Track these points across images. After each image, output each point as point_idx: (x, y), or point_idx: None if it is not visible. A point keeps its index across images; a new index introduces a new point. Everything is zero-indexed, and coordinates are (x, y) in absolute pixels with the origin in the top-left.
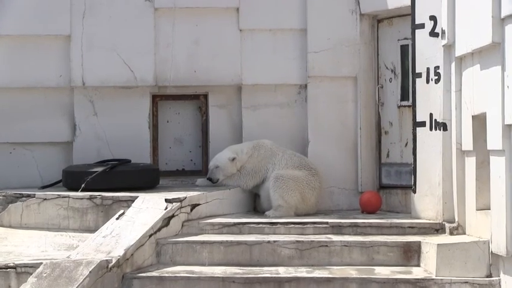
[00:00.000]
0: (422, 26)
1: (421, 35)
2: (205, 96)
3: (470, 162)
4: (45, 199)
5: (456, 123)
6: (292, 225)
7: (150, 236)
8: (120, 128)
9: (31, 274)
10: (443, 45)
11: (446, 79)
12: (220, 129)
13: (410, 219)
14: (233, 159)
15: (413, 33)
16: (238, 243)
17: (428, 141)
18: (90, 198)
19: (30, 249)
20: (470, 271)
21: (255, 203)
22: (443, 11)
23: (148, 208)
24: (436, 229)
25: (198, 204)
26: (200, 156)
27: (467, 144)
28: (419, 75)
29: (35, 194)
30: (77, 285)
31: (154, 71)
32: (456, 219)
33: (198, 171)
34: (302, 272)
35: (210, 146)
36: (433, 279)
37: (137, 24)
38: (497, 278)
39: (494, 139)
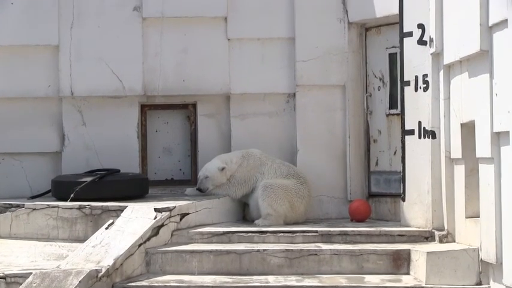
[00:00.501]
0: (410, 34)
1: (409, 43)
2: (194, 105)
3: (459, 170)
4: (35, 209)
5: (445, 131)
6: (282, 234)
7: (140, 245)
8: (108, 138)
9: (21, 284)
10: (431, 53)
11: (435, 87)
12: (209, 138)
13: (399, 227)
14: (222, 168)
15: (401, 42)
16: (228, 252)
17: (417, 149)
18: (80, 208)
19: (19, 259)
20: (460, 279)
21: (244, 212)
22: (431, 19)
23: (137, 217)
24: (426, 237)
25: (188, 214)
26: (189, 166)
27: (456, 152)
28: (408, 83)
29: (24, 204)
30: None
31: (142, 80)
32: (446, 227)
33: (187, 181)
34: (292, 281)
35: (199, 155)
36: (423, 287)
37: (125, 34)
38: (487, 286)
39: (483, 147)
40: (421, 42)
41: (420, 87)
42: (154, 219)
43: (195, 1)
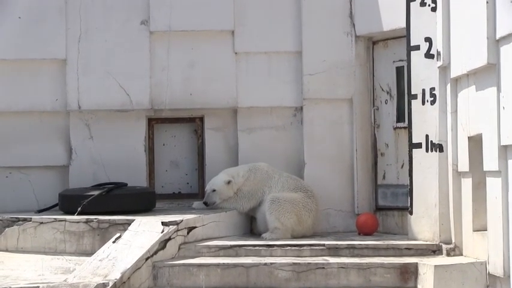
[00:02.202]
0: (417, 47)
1: (417, 57)
2: (201, 119)
3: (467, 184)
4: (42, 223)
5: (452, 144)
6: (289, 248)
7: (147, 259)
8: (116, 152)
9: None
10: (438, 67)
11: (442, 100)
12: (216, 152)
13: (407, 240)
14: (229, 182)
15: (408, 55)
16: (235, 265)
17: (424, 162)
18: (87, 221)
19: (26, 273)
20: None
21: (251, 226)
22: (439, 32)
23: (144, 231)
24: (433, 250)
25: (195, 227)
26: (196, 179)
27: (464, 165)
28: (415, 96)
29: (31, 218)
30: None
31: (150, 94)
32: (453, 241)
33: (194, 194)
34: None
35: (206, 169)
36: None
37: (133, 48)
38: None
39: (490, 160)
40: (429, 55)
41: (427, 101)
42: (162, 232)
43: (202, 15)
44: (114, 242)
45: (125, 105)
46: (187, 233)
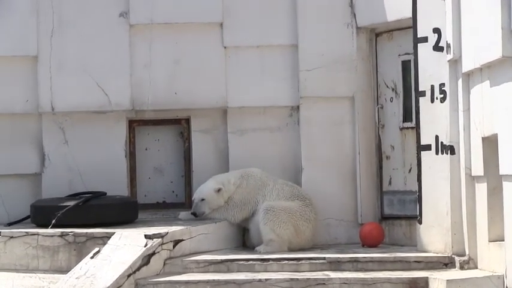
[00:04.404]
0: (425, 39)
1: (424, 50)
2: (187, 120)
3: (481, 189)
4: (12, 237)
5: (465, 146)
6: (286, 262)
7: (129, 276)
8: (93, 157)
9: None
10: (448, 60)
11: (453, 97)
12: (205, 156)
13: (416, 252)
14: (219, 190)
15: (415, 48)
16: (227, 282)
17: (434, 166)
18: (62, 235)
19: None
20: None
21: (244, 238)
22: (448, 23)
23: (126, 245)
24: (445, 263)
25: (182, 240)
26: (183, 187)
27: (478, 169)
28: (423, 93)
29: (0, 232)
30: None
31: (130, 93)
32: (467, 252)
33: (180, 204)
34: None
35: (194, 175)
36: None
37: (111, 43)
38: None
39: (507, 163)
40: (437, 48)
41: (437, 98)
42: (145, 246)
43: (188, 6)
44: (92, 257)
45: (103, 106)
46: (173, 246)
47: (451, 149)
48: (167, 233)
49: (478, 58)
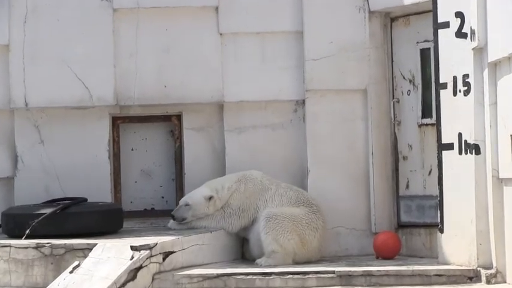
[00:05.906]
0: (446, 25)
1: (446, 36)
2: (179, 117)
3: (510, 193)
4: None
5: (491, 144)
6: (290, 276)
7: None
8: (73, 159)
9: None
10: (473, 49)
11: (478, 90)
12: (198, 157)
13: (436, 265)
14: (210, 198)
15: (435, 34)
16: None
17: (457, 167)
18: (37, 247)
19: None
20: None
21: (243, 249)
22: (473, 6)
23: (109, 258)
24: (470, 277)
25: (172, 252)
26: (173, 192)
27: (506, 170)
28: (445, 85)
29: None
30: None
31: (114, 87)
32: (494, 264)
33: (171, 211)
34: None
35: (186, 179)
36: None
37: (92, 29)
38: None
39: None
40: (460, 34)
41: (460, 91)
42: (131, 259)
43: None
44: (71, 272)
45: (84, 101)
46: (163, 259)
47: (475, 148)
48: (156, 244)
49: (506, 46)
